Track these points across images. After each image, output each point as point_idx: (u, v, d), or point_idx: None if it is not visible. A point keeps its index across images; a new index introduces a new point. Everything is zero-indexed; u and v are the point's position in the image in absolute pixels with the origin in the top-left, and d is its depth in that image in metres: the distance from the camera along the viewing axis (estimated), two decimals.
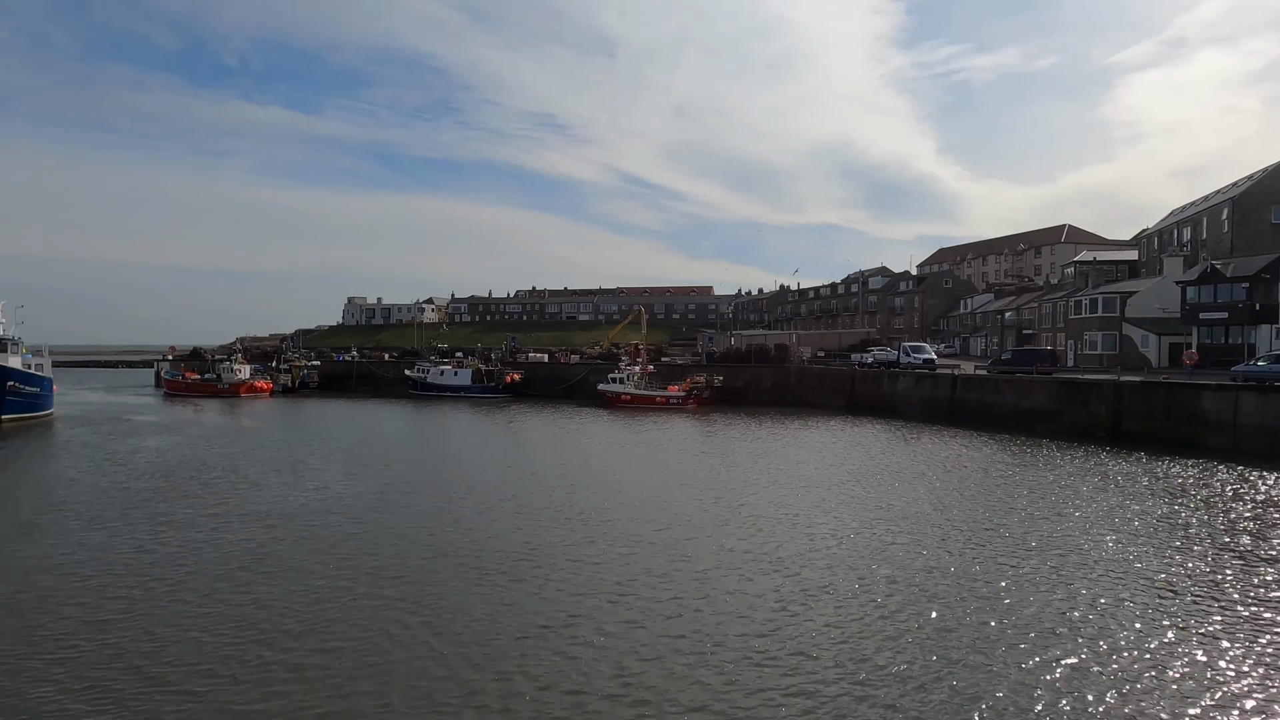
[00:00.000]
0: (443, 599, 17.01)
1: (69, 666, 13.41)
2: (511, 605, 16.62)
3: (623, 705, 12.06)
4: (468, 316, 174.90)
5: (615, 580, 18.35)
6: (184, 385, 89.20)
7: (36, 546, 21.54)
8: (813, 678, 12.91)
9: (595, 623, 15.51)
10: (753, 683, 12.74)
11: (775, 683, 12.72)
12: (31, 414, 58.18)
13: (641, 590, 17.59)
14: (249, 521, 24.50)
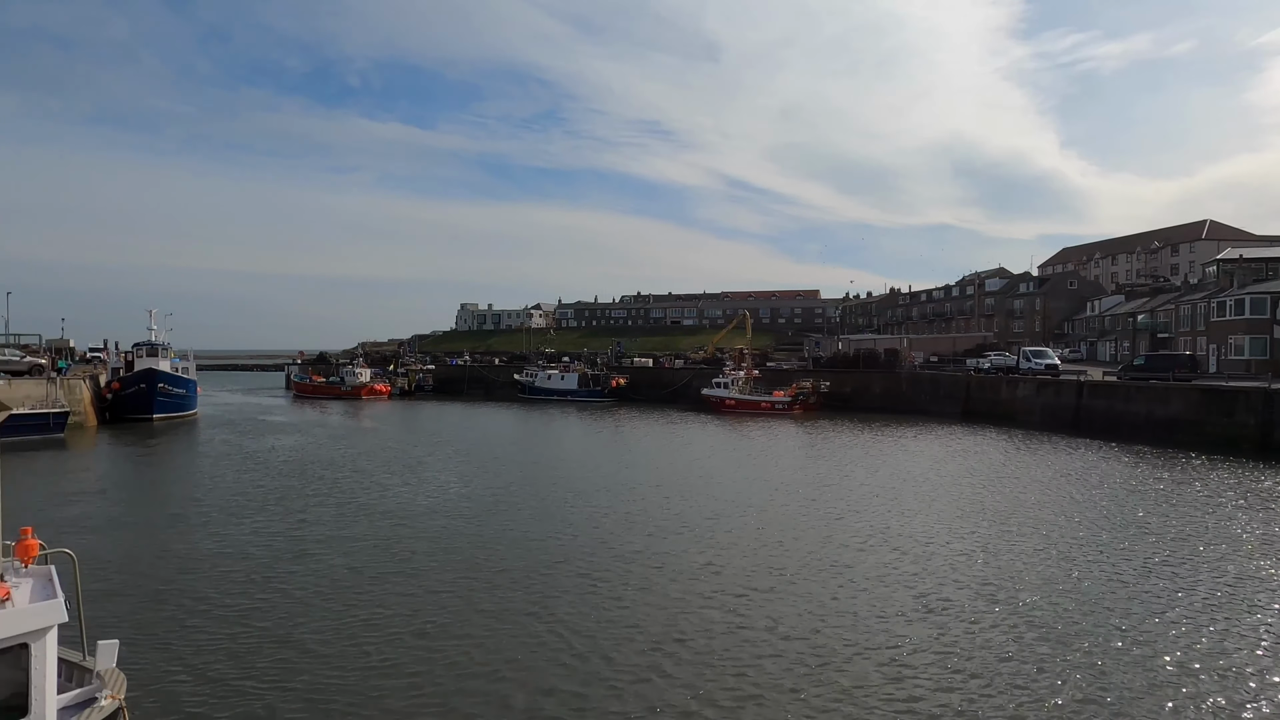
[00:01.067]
0: (565, 604, 17.36)
1: (206, 653, 14.46)
2: (635, 612, 16.81)
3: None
4: (574, 322, 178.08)
5: (737, 591, 18.26)
6: (311, 387, 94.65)
7: (184, 537, 23.32)
8: (953, 697, 12.51)
9: (725, 633, 15.52)
10: (898, 695, 12.46)
11: (918, 696, 12.40)
12: (179, 413, 63.05)
13: (767, 601, 17.47)
14: (374, 519, 25.73)
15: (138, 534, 23.80)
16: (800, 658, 14.18)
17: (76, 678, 9.41)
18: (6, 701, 8.16)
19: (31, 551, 9.15)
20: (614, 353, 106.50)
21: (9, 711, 8.02)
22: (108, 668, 9.42)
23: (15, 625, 8.04)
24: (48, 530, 11.18)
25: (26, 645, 8.12)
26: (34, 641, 8.15)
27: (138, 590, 18.06)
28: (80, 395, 57.07)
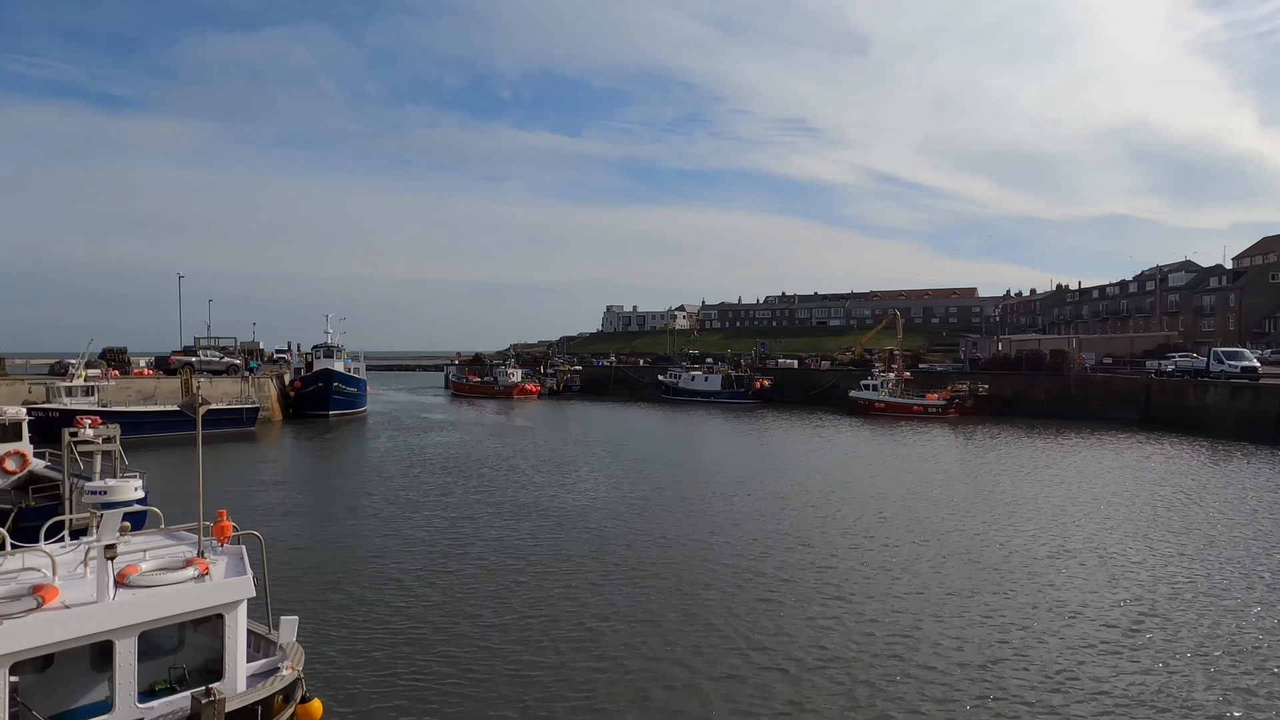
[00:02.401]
0: (716, 608, 17.33)
1: (374, 634, 15.44)
2: (799, 622, 16.55)
3: None
4: (718, 323, 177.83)
5: (902, 607, 17.60)
6: (467, 387, 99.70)
7: (357, 526, 25.11)
8: None
9: (894, 648, 15.01)
10: None
11: None
12: (351, 410, 68.07)
13: (934, 618, 16.73)
14: (530, 516, 26.66)
15: (316, 521, 25.86)
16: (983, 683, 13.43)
17: (263, 649, 10.32)
18: (205, 665, 9.07)
19: (226, 532, 10.12)
20: (758, 354, 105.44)
21: (207, 675, 8.91)
22: (289, 641, 10.27)
23: (213, 597, 8.93)
24: (239, 514, 12.33)
25: (221, 615, 8.99)
26: (227, 613, 9.01)
27: (315, 572, 19.61)
28: (268, 393, 62.80)
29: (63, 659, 8.21)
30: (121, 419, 29.01)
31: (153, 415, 48.14)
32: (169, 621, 8.75)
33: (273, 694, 9.05)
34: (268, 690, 9.02)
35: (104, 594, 8.22)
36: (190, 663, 9.05)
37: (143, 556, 9.43)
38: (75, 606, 8.05)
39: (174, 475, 29.19)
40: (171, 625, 8.86)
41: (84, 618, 8.02)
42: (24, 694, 7.79)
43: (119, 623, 8.18)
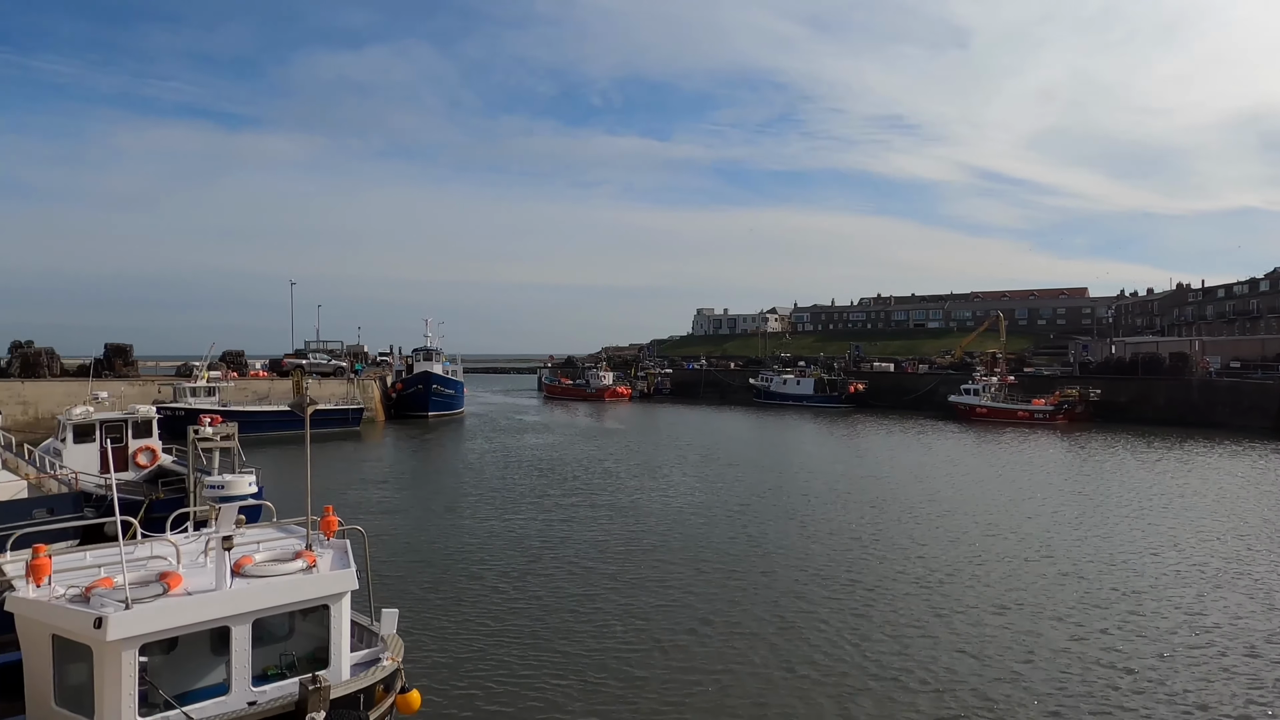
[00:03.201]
0: (815, 621, 17.04)
1: (470, 629, 15.81)
2: (910, 639, 16.12)
3: None
4: (810, 325, 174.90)
5: (1015, 628, 16.89)
6: (560, 389, 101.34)
7: (455, 524, 25.85)
8: None
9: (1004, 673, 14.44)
10: None
11: None
12: (449, 411, 70.19)
13: (1045, 640, 16.00)
14: (625, 518, 26.82)
15: (416, 519, 26.76)
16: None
17: (365, 639, 10.72)
18: (313, 653, 9.48)
19: (332, 527, 10.56)
20: (852, 357, 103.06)
21: (314, 662, 9.31)
22: (389, 633, 10.63)
23: (319, 588, 9.34)
24: (343, 510, 12.86)
25: (327, 606, 9.38)
26: (333, 604, 9.40)
27: (414, 568, 20.28)
28: (372, 394, 65.46)
29: (185, 642, 8.73)
30: (239, 418, 30.82)
31: (267, 414, 50.86)
32: (280, 610, 9.19)
33: (374, 683, 9.38)
34: (370, 679, 9.34)
35: (222, 582, 8.70)
36: (299, 650, 9.48)
37: (256, 548, 9.94)
38: (197, 593, 8.55)
39: (285, 471, 30.74)
40: (282, 614, 9.31)
41: (204, 604, 8.51)
42: (152, 673, 8.32)
43: (235, 610, 8.65)
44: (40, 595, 8.39)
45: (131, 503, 20.46)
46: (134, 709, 8.05)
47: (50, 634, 8.22)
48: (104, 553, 9.74)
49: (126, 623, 7.86)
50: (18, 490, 21.37)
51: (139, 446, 26.22)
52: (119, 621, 7.81)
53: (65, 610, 8.08)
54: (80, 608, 8.03)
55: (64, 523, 19.16)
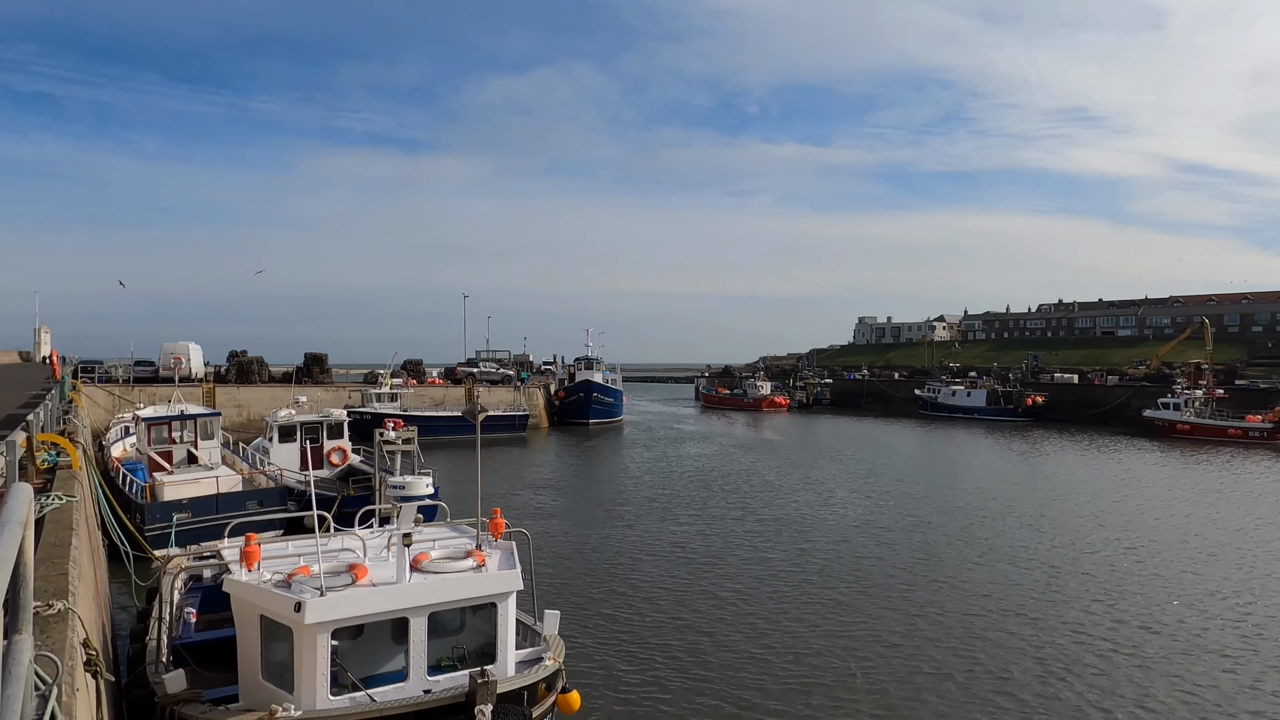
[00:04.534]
0: (998, 655, 16.08)
1: (628, 633, 16.03)
2: (1121, 690, 14.95)
3: None
4: (982, 334, 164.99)
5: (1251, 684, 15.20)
6: (717, 399, 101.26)
7: (615, 531, 26.41)
8: None
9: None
10: None
11: None
12: (609, 419, 71.87)
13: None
14: (786, 533, 26.34)
15: (578, 523, 27.57)
16: None
17: (529, 638, 11.15)
18: (481, 648, 9.98)
19: (500, 529, 11.08)
20: (1030, 367, 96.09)
21: (482, 657, 9.79)
22: (551, 634, 11.00)
23: (488, 587, 9.82)
24: (510, 512, 13.43)
25: (495, 604, 9.85)
26: (500, 602, 9.86)
27: (575, 571, 20.89)
28: (537, 402, 68.23)
29: (370, 630, 9.44)
30: (418, 422, 33.07)
31: (442, 420, 54.17)
32: (452, 605, 9.75)
33: (537, 681, 9.74)
34: (533, 677, 9.71)
35: (402, 576, 9.35)
36: (469, 645, 10.01)
37: (432, 545, 10.60)
38: (380, 585, 9.23)
39: (457, 473, 32.60)
40: (454, 609, 9.87)
41: (387, 595, 9.17)
42: (341, 656, 9.07)
43: (413, 602, 9.26)
44: (251, 579, 9.37)
45: (326, 498, 22.39)
46: (327, 688, 8.80)
47: (259, 614, 9.15)
48: (303, 543, 10.72)
49: (321, 608, 8.61)
50: (235, 484, 24.00)
51: (332, 447, 28.70)
52: (315, 607, 8.57)
53: (271, 594, 8.97)
54: (283, 592, 8.89)
55: (271, 514, 21.28)
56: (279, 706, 8.51)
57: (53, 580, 6.69)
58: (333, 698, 8.80)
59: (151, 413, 29.19)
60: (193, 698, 8.97)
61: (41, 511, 9.15)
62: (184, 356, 61.37)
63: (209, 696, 9.20)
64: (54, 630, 5.50)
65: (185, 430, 26.79)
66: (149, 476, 23.41)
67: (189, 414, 27.82)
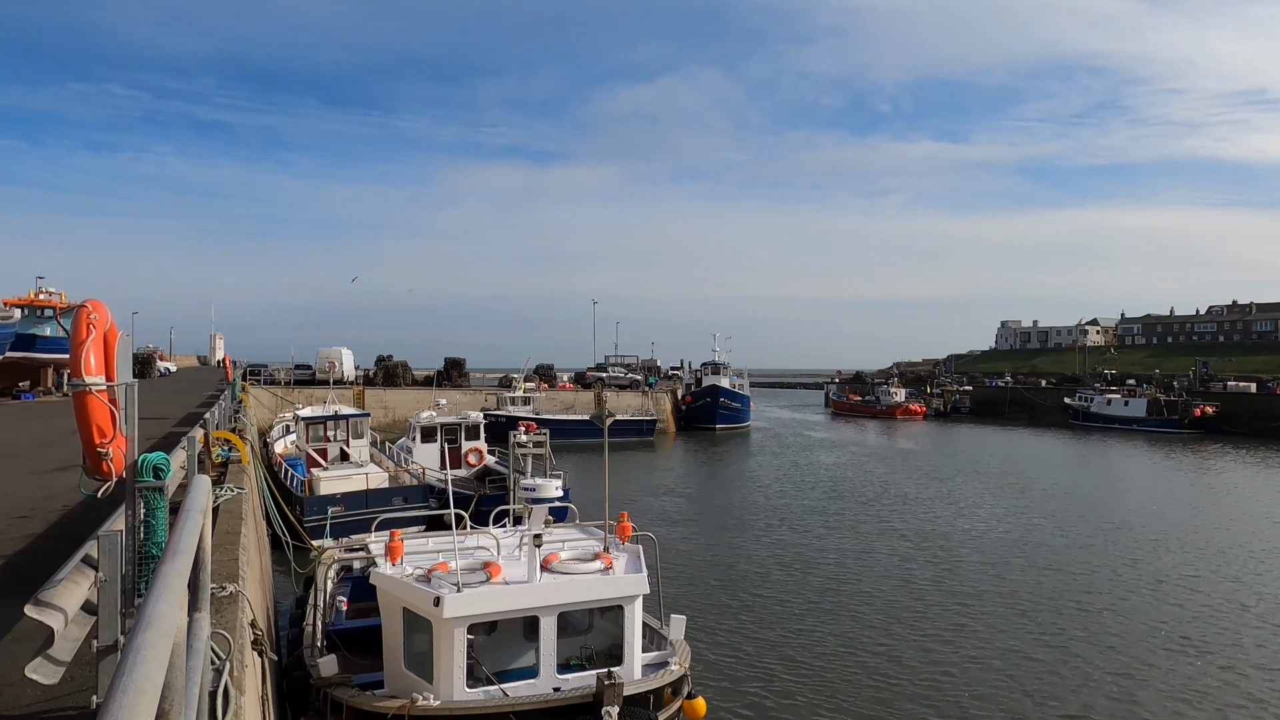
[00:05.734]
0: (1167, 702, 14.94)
1: (753, 641, 15.85)
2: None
3: None
4: (1141, 338, 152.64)
5: None
6: (848, 406, 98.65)
7: (740, 538, 26.23)
8: None
9: None
10: None
11: None
12: (736, 425, 71.45)
13: None
14: (921, 546, 25.37)
15: (704, 530, 27.57)
16: None
17: (655, 642, 11.25)
18: (608, 650, 10.16)
19: (627, 532, 11.25)
20: (1198, 374, 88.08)
21: (609, 658, 9.97)
22: (677, 639, 11.06)
23: (615, 589, 9.99)
24: (636, 516, 13.59)
25: (622, 607, 10.01)
26: (627, 605, 10.00)
27: (702, 578, 20.89)
28: (664, 406, 68.77)
29: (503, 626, 9.81)
30: (549, 426, 34.05)
31: (572, 423, 55.51)
32: (580, 606, 9.99)
33: (663, 685, 9.81)
34: (659, 681, 9.79)
35: (533, 575, 9.66)
36: (596, 646, 10.22)
37: (561, 546, 10.89)
38: (513, 583, 9.58)
39: (586, 477, 33.30)
40: (583, 610, 10.10)
41: (519, 594, 9.51)
42: (476, 651, 9.47)
43: (543, 602, 9.55)
44: (395, 573, 9.94)
45: (463, 497, 23.48)
46: (463, 680, 9.21)
47: (401, 607, 9.70)
48: (442, 540, 11.27)
49: (458, 604, 9.03)
50: (382, 480, 25.55)
51: (470, 448, 30.01)
52: (452, 602, 9.00)
53: (413, 588, 9.49)
54: (424, 587, 9.38)
55: (414, 511, 22.48)
56: (419, 695, 8.98)
57: (225, 565, 7.34)
58: (468, 690, 9.20)
59: (309, 413, 31.56)
60: (343, 682, 9.61)
61: (216, 502, 10.07)
62: (337, 361, 65.88)
63: (358, 681, 9.82)
64: (226, 611, 6.04)
65: (338, 429, 28.77)
66: (307, 471, 25.26)
67: (342, 414, 29.88)
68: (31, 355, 38.89)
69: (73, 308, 40.56)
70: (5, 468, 15.43)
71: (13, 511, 10.93)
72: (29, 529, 9.90)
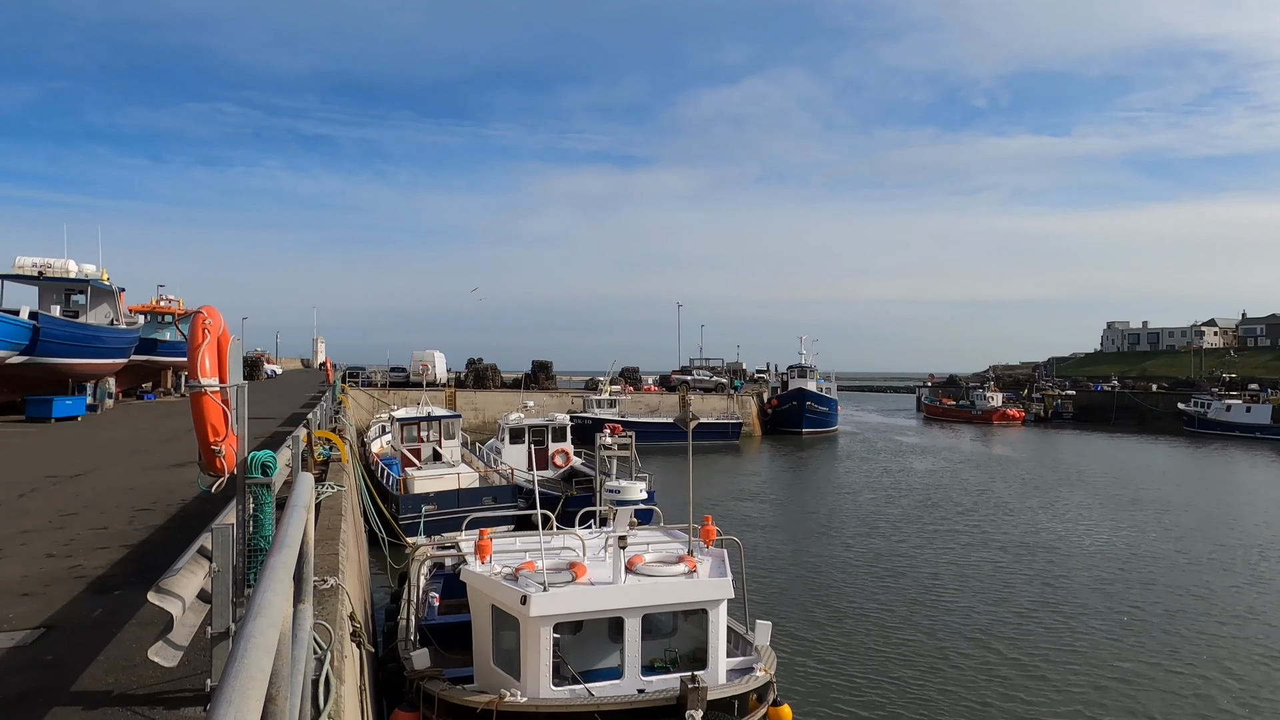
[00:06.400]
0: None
1: (840, 651, 15.51)
2: None
3: None
4: (1265, 340, 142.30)
5: None
6: (940, 410, 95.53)
7: (828, 545, 25.75)
8: None
9: None
10: None
11: None
12: (822, 429, 70.23)
13: None
14: (1021, 558, 24.34)
15: (791, 535, 27.19)
16: None
17: (740, 647, 11.17)
18: (692, 653, 10.15)
19: (711, 536, 11.21)
20: None
21: (693, 662, 9.95)
22: (763, 645, 10.95)
23: (699, 593, 9.97)
24: (721, 520, 13.53)
25: (706, 610, 9.98)
26: (711, 609, 9.97)
27: (788, 585, 20.60)
28: (749, 410, 68.20)
29: (589, 626, 9.93)
30: (634, 428, 34.24)
31: (657, 426, 55.63)
32: (664, 609, 10.01)
33: (748, 691, 9.72)
34: (744, 687, 9.71)
35: (618, 577, 9.74)
36: (680, 649, 10.22)
37: (646, 549, 10.94)
38: (598, 584, 9.68)
39: (670, 479, 33.33)
40: (667, 612, 10.12)
41: (604, 595, 9.60)
42: (562, 650, 9.62)
43: (628, 603, 9.62)
44: (484, 571, 10.19)
45: (550, 498, 23.88)
46: (549, 678, 9.36)
47: (490, 604, 9.94)
48: (529, 540, 11.49)
49: (544, 603, 9.19)
50: (473, 480, 26.23)
51: (556, 449, 30.48)
52: (539, 601, 9.17)
53: (501, 586, 9.71)
54: (511, 585, 9.59)
55: (503, 510, 22.99)
56: (507, 691, 9.18)
57: (326, 559, 7.69)
58: (554, 688, 9.35)
59: (404, 414, 32.68)
60: (435, 675, 9.91)
61: (318, 498, 10.55)
62: (430, 363, 68.10)
63: (449, 675, 10.12)
64: (327, 603, 6.33)
65: (431, 430, 29.71)
66: (402, 471, 26.17)
67: (434, 416, 30.84)
68: (153, 358, 41.77)
69: (189, 314, 43.43)
70: (132, 463, 16.58)
71: (137, 504, 11.74)
72: (151, 520, 10.60)
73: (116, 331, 34.93)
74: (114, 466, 16.06)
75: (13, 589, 7.36)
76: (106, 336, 33.28)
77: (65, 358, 28.89)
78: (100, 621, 6.42)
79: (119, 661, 5.50)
